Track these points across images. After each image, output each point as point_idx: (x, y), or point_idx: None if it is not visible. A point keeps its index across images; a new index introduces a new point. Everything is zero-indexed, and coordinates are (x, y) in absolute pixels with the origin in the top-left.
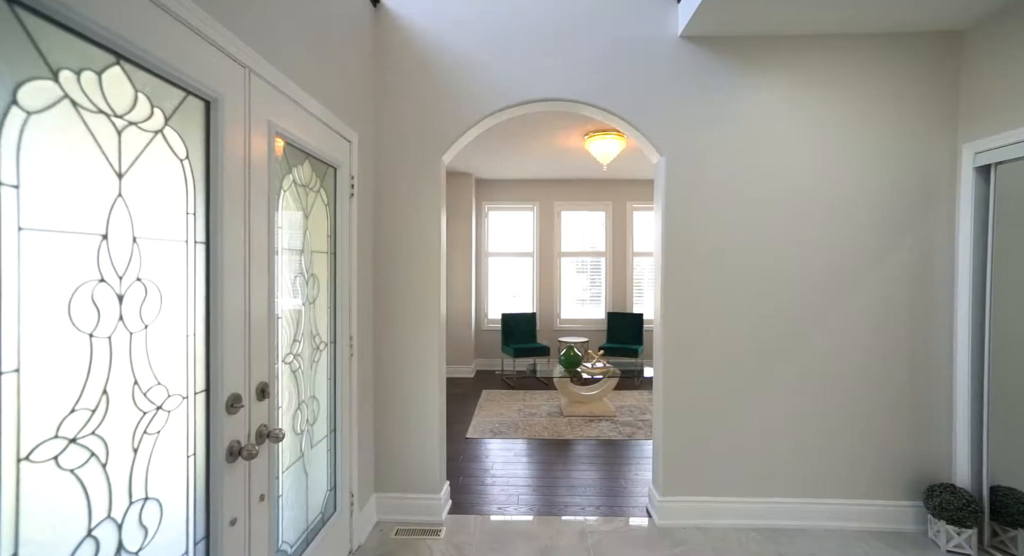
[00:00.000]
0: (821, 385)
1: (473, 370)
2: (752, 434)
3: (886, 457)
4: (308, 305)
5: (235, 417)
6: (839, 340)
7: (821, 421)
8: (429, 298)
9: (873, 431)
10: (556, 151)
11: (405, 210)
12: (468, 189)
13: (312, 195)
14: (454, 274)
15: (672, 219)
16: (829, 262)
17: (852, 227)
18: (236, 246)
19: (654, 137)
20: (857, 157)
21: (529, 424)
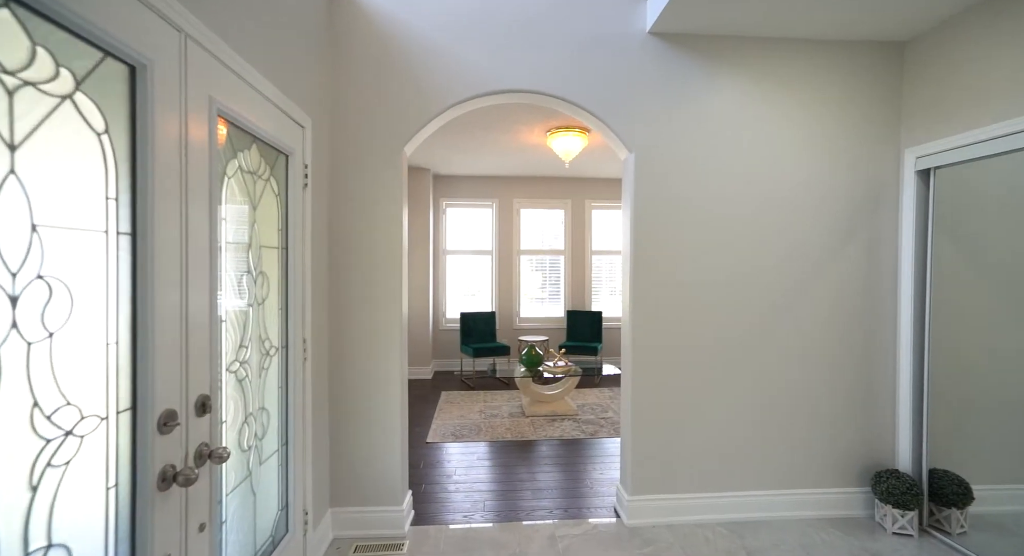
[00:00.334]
0: (780, 381)
1: (431, 371)
2: (717, 431)
3: (838, 447)
4: (256, 306)
5: (169, 437)
6: (796, 337)
7: (781, 415)
8: (390, 298)
9: (827, 423)
10: (517, 147)
11: (364, 204)
12: (426, 185)
13: (261, 184)
14: (411, 272)
15: (641, 217)
16: (788, 262)
17: (808, 228)
18: (170, 239)
19: (623, 133)
20: (812, 160)
21: (491, 425)
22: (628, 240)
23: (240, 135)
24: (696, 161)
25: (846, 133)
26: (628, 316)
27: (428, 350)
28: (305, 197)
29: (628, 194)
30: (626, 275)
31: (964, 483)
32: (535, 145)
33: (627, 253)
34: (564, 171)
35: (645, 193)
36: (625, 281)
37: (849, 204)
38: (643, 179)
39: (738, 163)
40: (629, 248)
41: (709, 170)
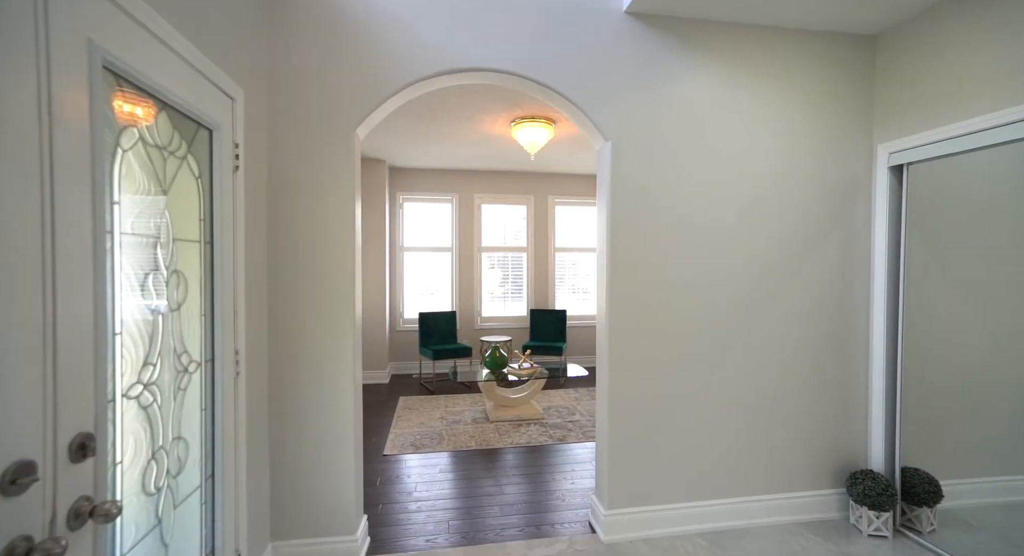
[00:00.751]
0: (756, 383)
1: (388, 375)
2: (695, 437)
3: (813, 449)
4: (170, 313)
5: (20, 500)
6: (772, 338)
7: (757, 418)
8: (341, 299)
9: (802, 425)
10: (480, 138)
11: (311, 193)
12: (381, 177)
13: (174, 162)
14: (366, 270)
15: (618, 211)
16: (764, 261)
17: (785, 226)
18: (23, 226)
19: (599, 119)
20: (788, 155)
21: (453, 433)
22: (604, 237)
23: (143, 98)
24: (675, 152)
25: (822, 127)
26: (605, 319)
27: (384, 353)
28: (236, 182)
29: (604, 187)
30: (602, 275)
31: (934, 481)
32: (498, 136)
33: (603, 251)
34: (527, 166)
35: (622, 186)
36: (601, 282)
37: (824, 201)
38: (620, 170)
39: (716, 156)
40: (606, 246)
41: (687, 162)
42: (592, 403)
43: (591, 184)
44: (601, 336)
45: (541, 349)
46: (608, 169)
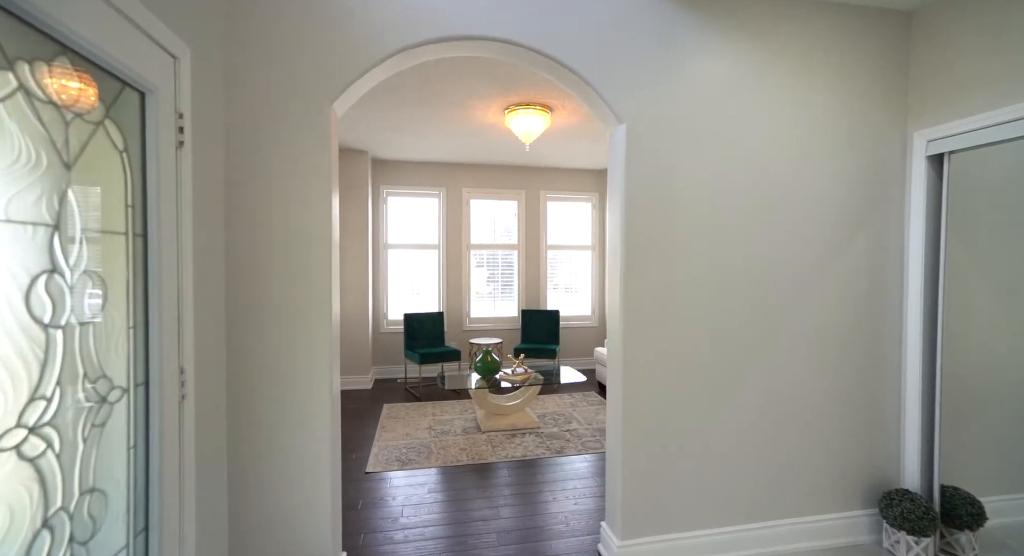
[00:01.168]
0: (780, 394)
1: (371, 380)
2: (716, 457)
3: (841, 465)
4: (78, 327)
5: None
6: (798, 344)
7: (782, 433)
8: (316, 301)
9: (830, 440)
10: (470, 127)
11: (279, 177)
12: (363, 169)
13: (83, 128)
14: (347, 269)
15: (635, 204)
16: (793, 258)
17: (813, 220)
18: None
19: (613, 99)
20: (815, 142)
21: (443, 446)
22: (619, 231)
23: (24, 31)
24: (694, 138)
25: (851, 112)
26: (619, 325)
27: (367, 356)
28: (181, 161)
29: (617, 175)
30: (614, 274)
31: (976, 502)
32: (490, 125)
33: (616, 247)
34: (518, 159)
35: (639, 174)
36: (613, 282)
37: (853, 194)
38: (636, 157)
39: (738, 143)
40: (619, 242)
41: (708, 148)
42: (589, 409)
43: (584, 179)
44: (613, 343)
45: (533, 352)
46: (622, 155)
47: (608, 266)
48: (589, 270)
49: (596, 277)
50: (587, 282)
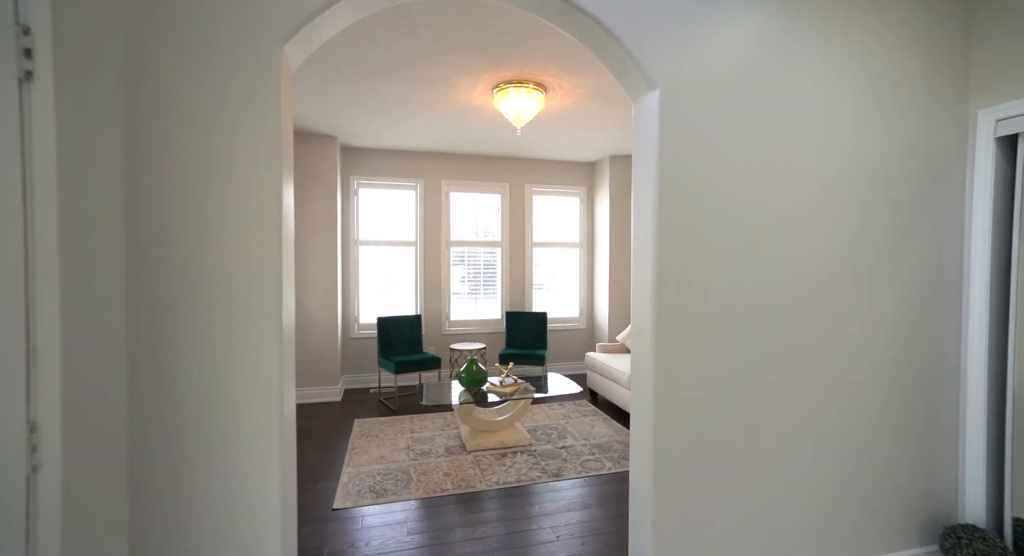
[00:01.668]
0: (828, 415)
1: (340, 391)
2: (759, 494)
3: (896, 498)
4: None
5: None
6: (847, 358)
7: (830, 461)
8: (261, 307)
9: (883, 468)
10: (454, 109)
11: (204, 142)
12: (331, 157)
13: None
14: (313, 267)
15: (670, 188)
16: (843, 258)
17: (864, 214)
18: None
19: (646, 59)
20: (866, 120)
21: (424, 470)
22: (651, 222)
23: None
24: (736, 108)
25: (907, 85)
26: (649, 336)
27: (336, 365)
28: (30, 102)
29: (648, 154)
30: (643, 281)
31: None
32: (477, 107)
33: (646, 243)
34: (502, 149)
35: (675, 150)
36: (642, 291)
37: (906, 183)
38: (672, 130)
39: (781, 118)
40: (651, 235)
41: (751, 123)
42: (583, 421)
43: (573, 172)
44: (641, 356)
45: (520, 358)
46: (655, 128)
47: (635, 266)
48: (577, 269)
49: (584, 277)
50: (575, 282)
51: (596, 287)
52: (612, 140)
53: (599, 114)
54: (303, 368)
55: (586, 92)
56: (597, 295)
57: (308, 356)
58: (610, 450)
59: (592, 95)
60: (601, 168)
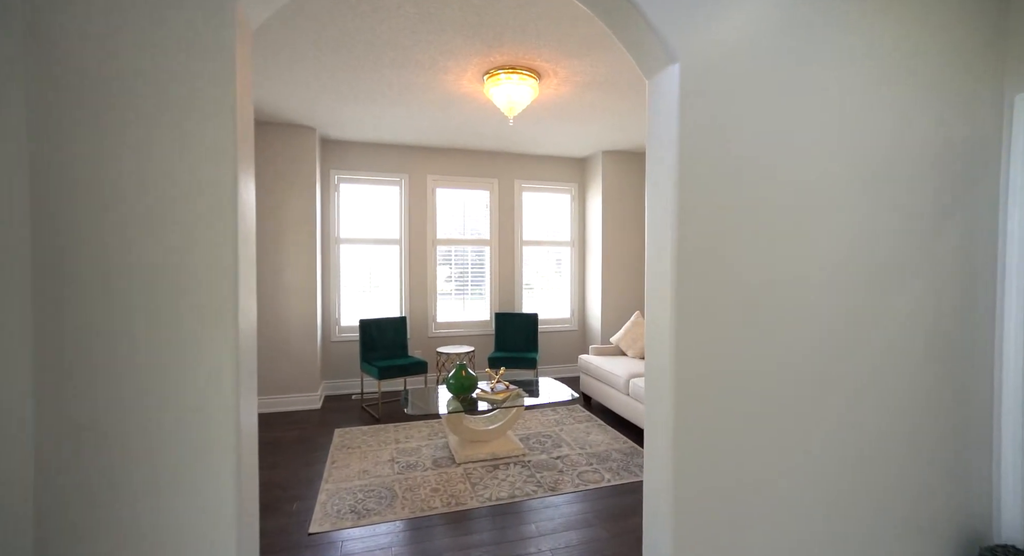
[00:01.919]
0: (861, 430)
1: (320, 398)
2: (786, 512)
3: (926, 515)
4: None
5: None
6: (876, 361)
7: (861, 475)
8: (212, 312)
9: (912, 483)
10: (441, 97)
11: (135, 114)
12: (310, 150)
13: None
14: (290, 267)
15: (690, 167)
16: (875, 250)
17: (898, 205)
18: None
19: (665, 28)
20: (903, 104)
21: (410, 486)
22: (670, 212)
23: None
24: (767, 86)
25: (946, 64)
26: (668, 341)
27: (315, 370)
28: None
29: (665, 136)
30: (662, 273)
31: None
32: (465, 96)
33: (666, 236)
34: (490, 143)
35: (697, 132)
36: (660, 283)
37: (940, 171)
38: (694, 109)
39: (811, 97)
40: (671, 227)
41: (784, 102)
42: (578, 428)
43: (564, 167)
44: (658, 371)
45: (510, 361)
46: (675, 106)
47: (651, 260)
48: (568, 269)
49: (576, 276)
50: (566, 282)
51: (588, 287)
52: (605, 134)
53: (594, 106)
54: (280, 374)
55: (582, 80)
56: (589, 295)
57: (285, 361)
58: (608, 460)
59: (588, 84)
60: (593, 164)
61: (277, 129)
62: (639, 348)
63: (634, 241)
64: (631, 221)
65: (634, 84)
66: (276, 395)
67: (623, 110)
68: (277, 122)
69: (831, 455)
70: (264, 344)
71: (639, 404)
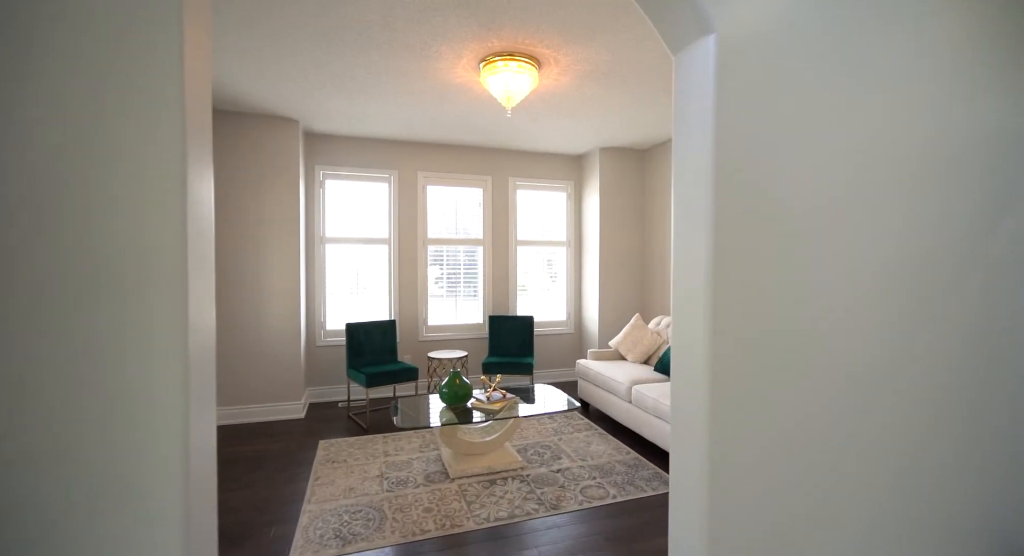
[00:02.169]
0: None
1: (304, 406)
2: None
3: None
4: None
5: None
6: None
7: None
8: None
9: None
10: (433, 86)
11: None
12: (293, 144)
13: None
14: (271, 268)
15: (727, 153)
16: (929, 254)
17: (954, 201)
18: None
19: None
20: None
21: (400, 505)
22: (701, 210)
23: None
24: (807, 68)
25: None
26: (703, 364)
27: (299, 378)
28: None
29: (697, 117)
30: (694, 278)
31: None
32: (460, 86)
33: (696, 237)
34: (484, 138)
35: (735, 113)
36: (689, 292)
37: (991, 164)
38: (733, 87)
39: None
40: (707, 223)
41: (823, 89)
42: (577, 437)
43: (560, 165)
44: (686, 391)
45: (505, 367)
46: (710, 84)
47: (679, 263)
48: (564, 270)
49: (572, 278)
50: (561, 283)
51: (585, 288)
52: (604, 130)
53: (594, 99)
54: (261, 382)
55: (584, 69)
56: (586, 297)
57: (266, 369)
58: (612, 473)
59: (590, 73)
60: (590, 161)
61: (256, 120)
62: (640, 352)
63: (633, 240)
64: (630, 220)
65: (639, 74)
66: (256, 404)
67: (624, 104)
68: (256, 112)
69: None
70: (243, 350)
71: (641, 412)
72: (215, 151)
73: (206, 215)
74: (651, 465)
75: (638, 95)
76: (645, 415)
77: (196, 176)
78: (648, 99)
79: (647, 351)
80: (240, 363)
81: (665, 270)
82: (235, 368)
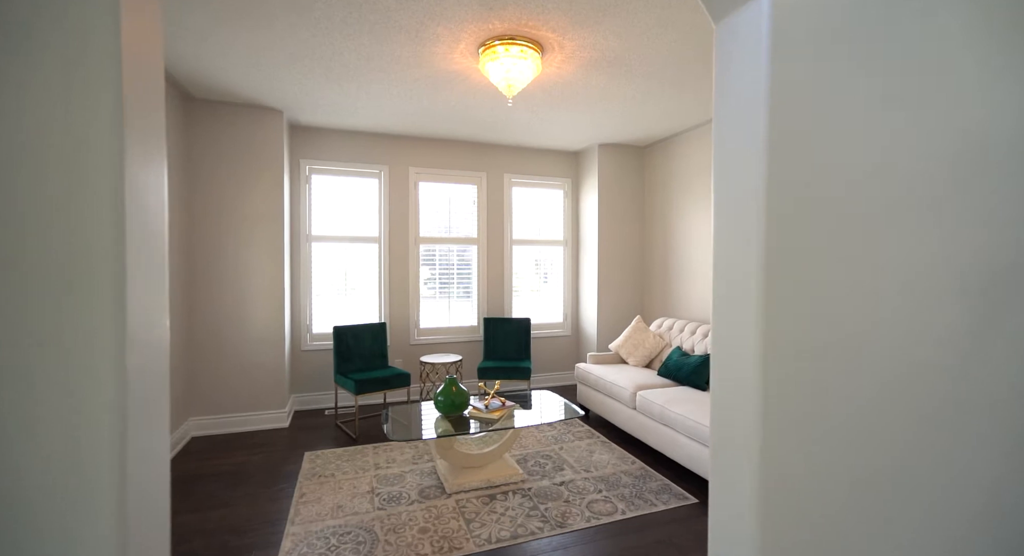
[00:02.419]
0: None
1: (289, 414)
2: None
3: None
4: None
5: None
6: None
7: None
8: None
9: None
10: (428, 74)
11: None
12: (276, 136)
13: None
14: (252, 268)
15: (783, 136)
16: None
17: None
18: None
19: None
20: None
21: (394, 526)
22: (760, 196)
23: None
24: (874, 41)
25: None
26: (756, 386)
27: (283, 384)
28: None
29: (746, 91)
30: (746, 280)
31: None
32: (457, 74)
33: (754, 227)
34: (479, 133)
35: (793, 89)
36: (742, 298)
37: None
38: (789, 61)
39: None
40: (762, 196)
41: (897, 62)
42: (579, 445)
43: (557, 161)
44: (730, 408)
45: (502, 372)
46: (763, 56)
47: (720, 265)
48: (561, 270)
49: (569, 278)
50: (558, 284)
51: (583, 290)
52: (604, 125)
53: (598, 90)
54: (242, 389)
55: (590, 56)
56: (584, 299)
57: (248, 375)
58: (618, 485)
59: (596, 61)
60: (588, 158)
61: (237, 110)
62: (642, 356)
63: (632, 240)
64: (629, 219)
65: (647, 66)
66: (237, 413)
67: (628, 97)
68: (237, 102)
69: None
70: (222, 355)
71: (647, 419)
72: (191, 144)
73: (155, 210)
74: (659, 476)
75: (643, 88)
76: (651, 422)
77: (139, 163)
78: (654, 92)
79: (649, 354)
80: (219, 369)
81: (666, 271)
82: (213, 374)
